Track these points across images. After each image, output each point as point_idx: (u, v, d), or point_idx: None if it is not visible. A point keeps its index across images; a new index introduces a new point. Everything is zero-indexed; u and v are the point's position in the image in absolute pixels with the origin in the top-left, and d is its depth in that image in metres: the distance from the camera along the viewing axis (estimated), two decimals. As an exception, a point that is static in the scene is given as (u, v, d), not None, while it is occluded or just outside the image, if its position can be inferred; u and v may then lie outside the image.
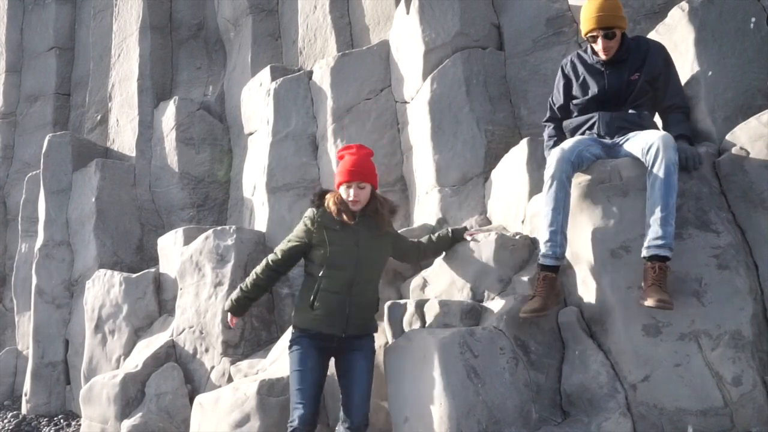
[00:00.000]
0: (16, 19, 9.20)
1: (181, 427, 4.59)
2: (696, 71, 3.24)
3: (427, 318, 3.29)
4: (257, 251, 4.96)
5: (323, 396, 3.23)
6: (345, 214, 3.08)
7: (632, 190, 2.91)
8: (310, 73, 5.53)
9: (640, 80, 3.11)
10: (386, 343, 3.41)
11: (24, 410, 6.49)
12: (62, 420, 6.10)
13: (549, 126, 3.45)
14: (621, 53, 3.15)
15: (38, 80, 8.80)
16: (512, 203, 3.77)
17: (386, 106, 5.09)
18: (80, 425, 5.42)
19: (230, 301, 3.36)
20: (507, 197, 3.85)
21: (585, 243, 2.96)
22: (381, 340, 3.54)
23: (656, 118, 3.27)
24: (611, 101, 3.18)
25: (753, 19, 3.22)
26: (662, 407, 2.68)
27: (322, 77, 5.33)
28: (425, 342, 2.98)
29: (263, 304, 4.80)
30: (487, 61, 4.48)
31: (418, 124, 4.64)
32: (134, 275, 5.69)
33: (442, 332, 3.00)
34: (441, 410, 2.81)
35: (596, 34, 3.11)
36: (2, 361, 7.40)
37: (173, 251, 5.52)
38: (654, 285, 2.61)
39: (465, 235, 3.47)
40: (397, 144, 5.00)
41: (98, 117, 8.01)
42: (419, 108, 4.62)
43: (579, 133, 3.22)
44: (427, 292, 3.58)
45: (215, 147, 6.81)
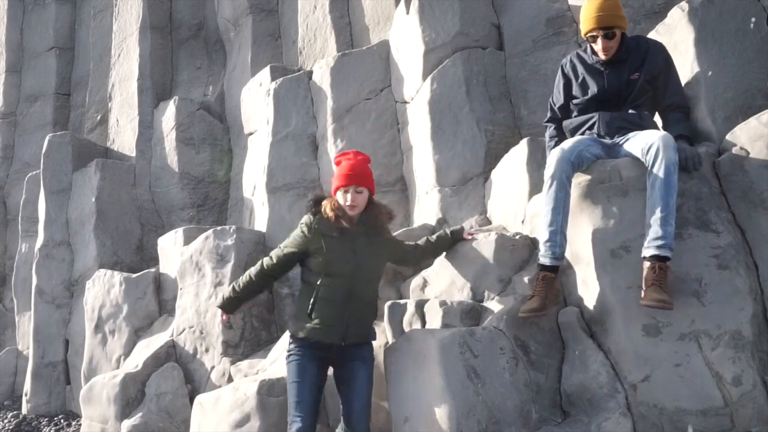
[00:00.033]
0: (16, 19, 9.21)
1: (181, 427, 4.59)
2: (696, 71, 3.23)
3: (427, 318, 3.29)
4: (257, 251, 4.96)
5: (323, 396, 3.23)
6: (343, 220, 3.02)
7: (632, 190, 2.91)
8: (310, 73, 5.53)
9: (640, 80, 3.11)
10: (386, 343, 3.41)
11: (24, 410, 6.49)
12: (62, 420, 6.10)
13: (550, 127, 3.44)
14: (621, 53, 3.14)
15: (38, 80, 8.80)
16: (512, 203, 3.77)
17: (386, 106, 5.09)
18: (80, 425, 5.42)
19: (222, 299, 3.37)
20: (507, 197, 3.85)
21: (585, 243, 2.96)
22: (381, 340, 3.54)
23: (656, 118, 3.27)
24: (611, 101, 3.17)
25: (753, 19, 3.22)
26: (662, 407, 2.68)
27: (322, 77, 5.32)
28: (425, 342, 2.98)
29: (263, 304, 4.81)
30: (487, 61, 4.48)
31: (418, 124, 4.64)
32: (134, 275, 5.69)
33: (442, 332, 3.00)
34: (441, 410, 2.81)
35: (596, 34, 3.10)
36: (2, 361, 7.40)
37: (173, 251, 5.52)
38: (654, 285, 2.61)
39: (464, 235, 3.47)
40: (397, 144, 5.00)
41: (98, 117, 8.01)
42: (419, 108, 4.62)
43: (579, 133, 3.22)
44: (427, 292, 3.58)
45: (215, 147, 6.81)
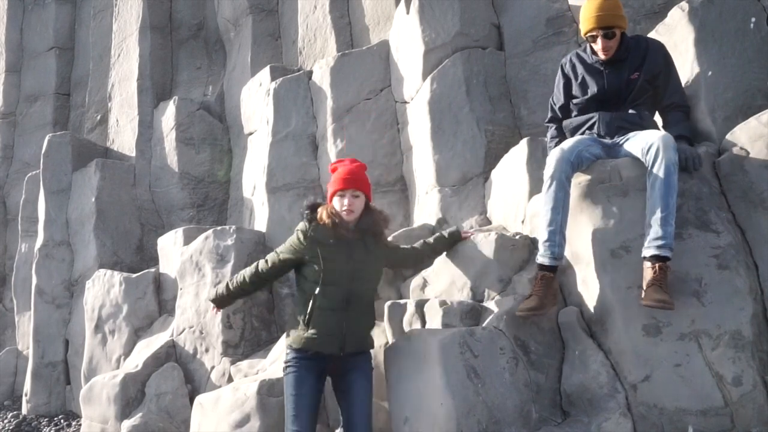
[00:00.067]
0: (16, 19, 9.21)
1: (181, 427, 4.59)
2: (696, 71, 3.23)
3: (427, 318, 3.29)
4: (257, 251, 4.96)
5: (323, 396, 3.22)
6: (339, 227, 2.97)
7: (632, 190, 2.91)
8: (310, 73, 5.53)
9: (640, 79, 3.11)
10: (386, 343, 3.41)
11: (24, 410, 6.49)
12: (62, 420, 6.10)
13: (551, 127, 3.44)
14: (620, 52, 3.13)
15: (38, 80, 8.80)
16: (512, 203, 3.77)
17: (386, 106, 5.09)
18: (80, 425, 5.42)
19: (215, 293, 3.36)
20: (507, 197, 3.85)
21: (585, 243, 2.96)
22: (381, 340, 3.54)
23: (656, 117, 3.27)
24: (611, 101, 3.17)
25: (753, 19, 3.22)
26: (662, 407, 2.68)
27: (322, 77, 5.32)
28: (425, 342, 2.98)
29: (263, 304, 4.81)
30: (487, 61, 4.48)
31: (418, 124, 4.63)
32: (134, 275, 5.69)
33: (442, 332, 3.00)
34: (441, 410, 2.80)
35: (596, 34, 3.10)
36: (2, 361, 7.40)
37: (173, 251, 5.52)
38: (654, 285, 2.61)
39: (462, 235, 3.46)
40: (397, 144, 5.00)
41: (98, 117, 8.01)
42: (419, 108, 4.62)
43: (579, 133, 3.22)
44: (427, 292, 3.57)
45: (215, 147, 6.81)
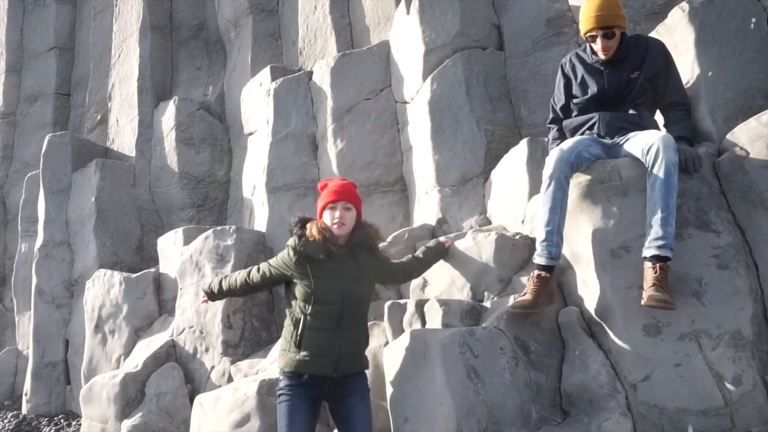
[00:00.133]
0: (16, 19, 9.21)
1: (181, 427, 4.59)
2: (696, 71, 3.23)
3: (427, 318, 3.29)
4: (257, 251, 4.96)
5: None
6: (329, 243, 2.87)
7: (632, 191, 2.91)
8: (310, 73, 5.53)
9: (640, 78, 3.10)
10: (386, 343, 3.41)
11: (24, 410, 6.49)
12: (62, 420, 6.10)
13: (553, 128, 3.43)
14: (620, 52, 3.13)
15: (38, 80, 8.80)
16: (512, 203, 3.77)
17: (386, 106, 5.09)
18: (80, 425, 5.42)
19: (209, 287, 3.36)
20: (507, 197, 3.85)
21: (585, 243, 2.95)
22: (381, 340, 3.54)
23: (657, 116, 3.27)
24: (611, 100, 3.16)
25: (753, 19, 3.22)
26: (662, 407, 2.68)
27: (322, 77, 5.32)
28: (425, 342, 2.98)
29: (263, 304, 4.81)
30: (487, 62, 4.48)
31: (418, 124, 4.64)
32: (134, 275, 5.69)
33: (442, 332, 3.00)
34: (441, 410, 2.81)
35: (595, 34, 3.09)
36: (2, 361, 7.40)
37: (173, 251, 5.52)
38: (655, 285, 2.60)
39: (444, 245, 3.44)
40: (397, 144, 5.00)
41: (98, 117, 8.01)
42: (419, 108, 4.62)
43: (579, 133, 3.21)
44: (427, 292, 3.58)
45: (215, 147, 6.81)
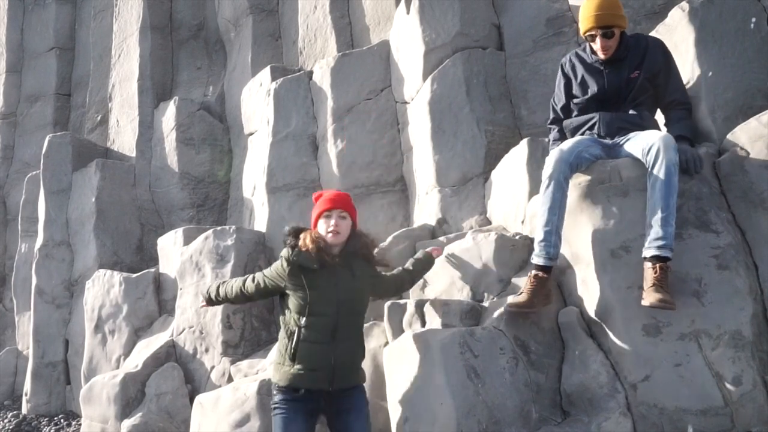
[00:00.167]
0: (17, 20, 9.21)
1: (181, 427, 4.59)
2: (696, 71, 3.23)
3: (427, 318, 3.29)
4: (257, 251, 4.96)
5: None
6: (323, 253, 2.81)
7: (632, 191, 2.91)
8: (311, 73, 5.53)
9: (640, 77, 3.10)
10: (386, 343, 3.41)
11: (24, 410, 6.49)
12: (62, 420, 6.10)
13: (553, 129, 3.43)
14: (620, 51, 3.12)
15: (38, 80, 8.80)
16: (512, 203, 3.77)
17: (386, 106, 5.09)
18: (80, 425, 5.42)
19: (207, 292, 3.29)
20: (507, 197, 3.85)
21: (585, 243, 2.95)
22: (381, 340, 3.54)
23: (658, 115, 3.26)
24: (611, 100, 3.16)
25: (753, 19, 3.22)
26: (662, 407, 2.68)
27: (323, 77, 5.32)
28: (425, 342, 2.98)
29: (263, 304, 4.80)
30: (488, 62, 4.48)
31: (418, 124, 4.63)
32: (134, 275, 5.69)
33: (442, 332, 3.00)
34: (441, 410, 2.81)
35: (594, 33, 3.09)
36: (2, 361, 7.40)
37: (173, 251, 5.52)
38: (655, 285, 2.61)
39: (434, 256, 3.40)
40: (397, 144, 5.00)
41: (98, 117, 8.01)
42: (419, 108, 4.62)
43: (579, 134, 3.21)
44: (427, 292, 3.58)
45: (215, 147, 6.81)
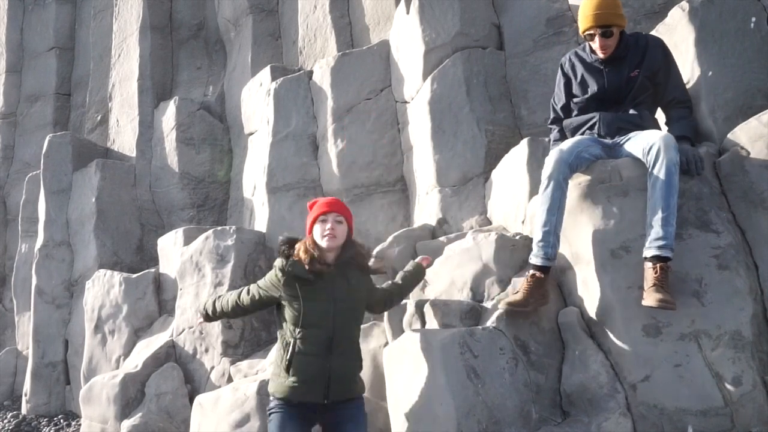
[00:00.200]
0: (16, 19, 9.21)
1: (181, 427, 4.59)
2: (696, 71, 3.23)
3: (427, 318, 3.29)
4: (257, 251, 4.96)
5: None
6: (318, 262, 2.76)
7: (633, 191, 2.91)
8: (310, 73, 5.53)
9: (640, 76, 3.10)
10: (386, 343, 3.41)
11: (24, 410, 6.49)
12: (62, 420, 6.10)
13: (554, 129, 3.42)
14: (620, 51, 3.12)
15: (38, 80, 8.80)
16: (512, 203, 3.77)
17: (386, 106, 5.09)
18: (80, 425, 5.42)
19: (203, 307, 3.20)
20: (507, 197, 3.85)
21: (585, 243, 2.95)
22: (381, 340, 3.54)
23: (658, 114, 3.26)
24: (611, 99, 3.16)
25: (753, 19, 3.22)
26: (662, 407, 2.68)
27: (323, 77, 5.32)
28: (425, 342, 2.98)
29: (263, 304, 4.81)
30: (488, 61, 4.48)
31: (419, 124, 4.63)
32: (134, 275, 5.69)
33: (442, 332, 3.00)
34: (441, 410, 2.81)
35: (593, 32, 3.08)
36: (2, 361, 7.40)
37: (173, 251, 5.52)
38: (656, 285, 2.60)
39: (423, 264, 3.34)
40: (397, 144, 5.00)
41: (98, 117, 8.01)
42: (419, 108, 4.62)
43: (579, 133, 3.21)
44: (427, 292, 3.57)
45: (215, 147, 6.81)
